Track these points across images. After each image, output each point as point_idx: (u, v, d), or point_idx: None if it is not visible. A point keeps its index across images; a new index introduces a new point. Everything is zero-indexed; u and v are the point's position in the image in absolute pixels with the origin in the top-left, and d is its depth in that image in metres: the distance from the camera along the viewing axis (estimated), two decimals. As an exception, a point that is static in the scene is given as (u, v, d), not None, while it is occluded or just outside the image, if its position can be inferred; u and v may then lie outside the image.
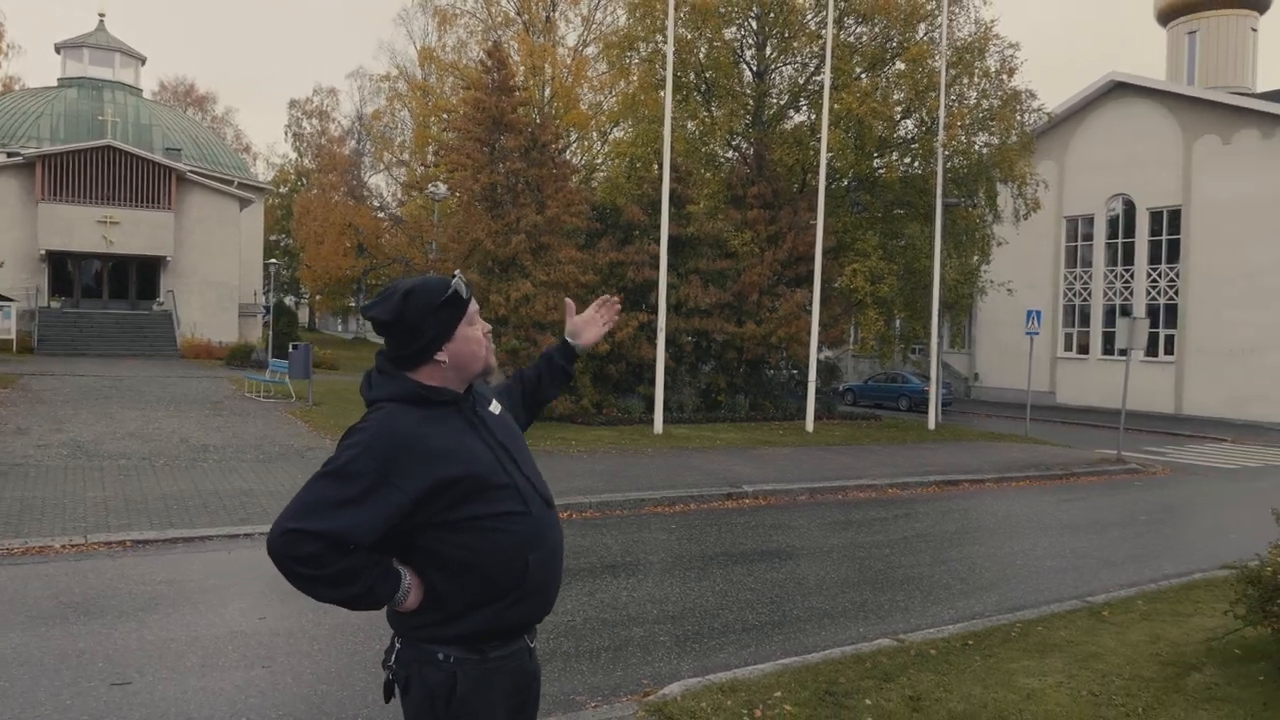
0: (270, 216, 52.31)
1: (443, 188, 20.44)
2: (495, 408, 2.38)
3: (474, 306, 2.27)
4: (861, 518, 10.89)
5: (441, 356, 2.20)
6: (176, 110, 50.42)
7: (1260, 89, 33.41)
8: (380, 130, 42.71)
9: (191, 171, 33.86)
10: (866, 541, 9.50)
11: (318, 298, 59.51)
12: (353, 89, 70.10)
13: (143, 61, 40.39)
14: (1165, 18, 35.54)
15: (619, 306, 2.81)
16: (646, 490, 11.35)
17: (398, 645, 2.24)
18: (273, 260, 32.93)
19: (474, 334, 2.26)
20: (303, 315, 60.69)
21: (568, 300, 2.94)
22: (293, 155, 57.51)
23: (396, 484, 2.05)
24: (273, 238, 56.50)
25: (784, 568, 8.20)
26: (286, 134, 55.84)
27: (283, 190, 58.28)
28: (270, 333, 29.36)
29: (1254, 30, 34.23)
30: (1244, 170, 28.01)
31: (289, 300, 54.13)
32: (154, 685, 4.93)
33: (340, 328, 73.78)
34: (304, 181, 56.09)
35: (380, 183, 52.40)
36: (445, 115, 35.29)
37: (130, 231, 31.66)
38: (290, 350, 18.89)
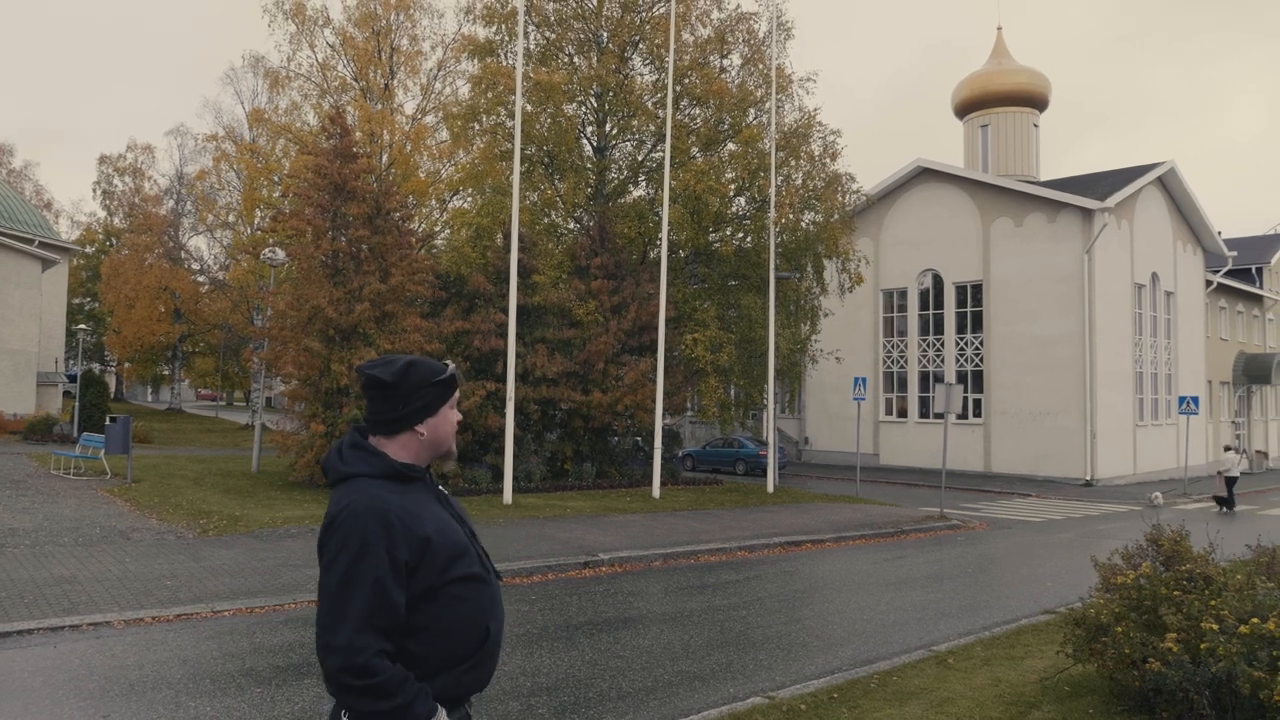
0: (75, 278, 48.58)
1: (280, 253, 19.75)
2: (444, 488, 2.49)
3: (458, 393, 2.42)
4: (716, 581, 11.17)
5: (422, 429, 2.32)
6: (-33, 163, 46.36)
7: (1043, 178, 37.40)
8: (204, 191, 40.79)
9: (-14, 229, 31.13)
10: (724, 604, 9.76)
11: (126, 365, 55.45)
12: (172, 147, 66.55)
13: (-70, 110, 37.08)
14: (962, 112, 39.34)
15: None
16: (503, 561, 11.22)
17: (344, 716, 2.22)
18: (81, 327, 30.49)
19: (454, 416, 2.40)
20: (110, 383, 56.23)
21: None
22: (102, 214, 53.91)
23: (396, 555, 2.14)
24: (77, 301, 52.43)
25: (649, 633, 8.31)
26: (95, 191, 52.14)
27: (89, 250, 54.34)
28: (77, 404, 27.12)
29: (1035, 126, 38.41)
30: (1034, 250, 31.15)
31: (95, 368, 50.08)
32: (-11, 798, 4.47)
33: (151, 397, 68.84)
34: (114, 242, 52.54)
35: (201, 245, 49.85)
36: (277, 178, 34.18)
37: (-89, 294, 28.66)
38: (107, 423, 17.54)
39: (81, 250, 51.24)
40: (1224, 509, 22.44)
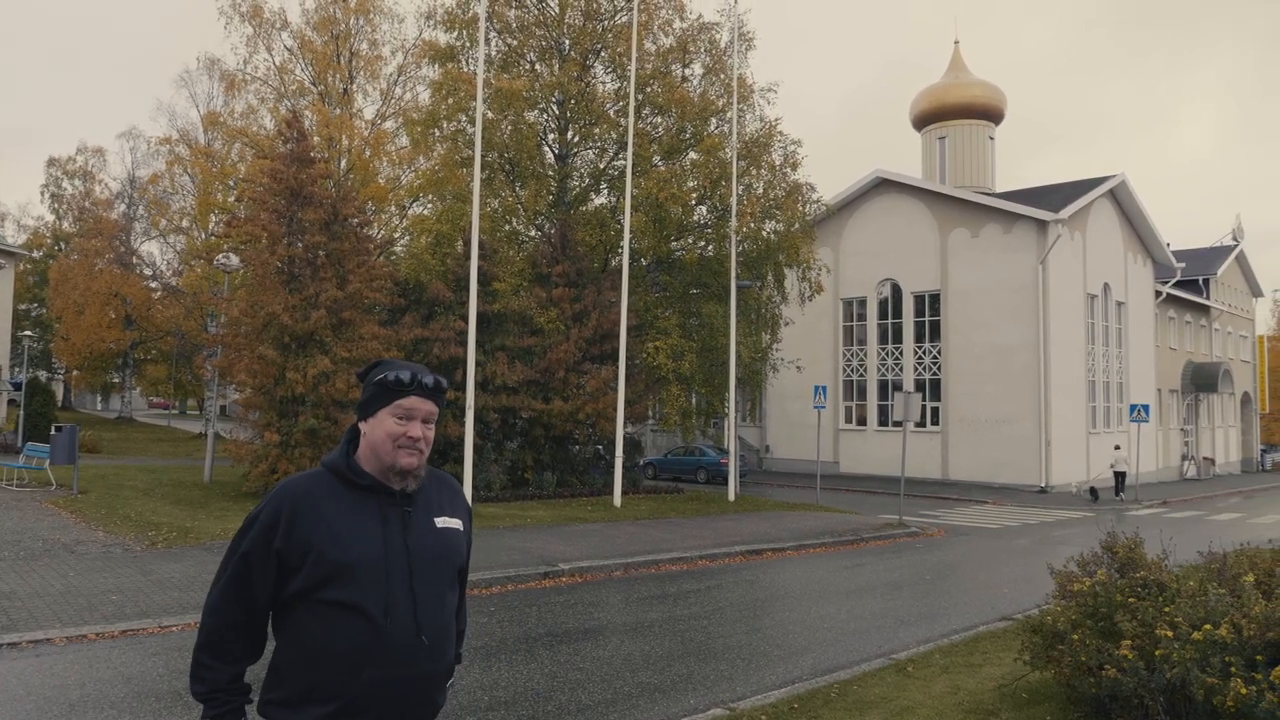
0: (21, 284, 47.32)
1: (235, 259, 19.38)
2: (447, 521, 2.31)
3: (418, 407, 2.21)
4: (677, 590, 11.11)
5: (364, 427, 2.26)
6: (-91, 164, 45.01)
7: (999, 189, 38.00)
8: (157, 195, 40.00)
9: (-72, 233, 30.28)
10: (684, 614, 9.70)
11: (75, 373, 54.12)
12: (124, 150, 65.12)
13: None
14: (920, 124, 39.88)
15: None
16: (462, 572, 11.06)
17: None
18: (27, 333, 29.69)
19: (389, 426, 2.20)
20: (57, 392, 54.83)
21: None
22: (50, 218, 52.69)
23: (271, 539, 2.13)
24: (23, 307, 51.09)
25: (609, 644, 8.22)
26: (43, 194, 51.06)
27: (37, 255, 53.00)
28: (21, 413, 26.40)
29: (991, 139, 39.05)
30: (990, 260, 31.61)
31: (41, 375, 48.79)
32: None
33: (101, 405, 67.27)
34: (63, 246, 51.32)
35: (154, 250, 48.85)
36: (232, 182, 33.62)
37: None
38: (53, 432, 17.06)
39: (28, 255, 50.02)
40: (1096, 499, 26.25)
